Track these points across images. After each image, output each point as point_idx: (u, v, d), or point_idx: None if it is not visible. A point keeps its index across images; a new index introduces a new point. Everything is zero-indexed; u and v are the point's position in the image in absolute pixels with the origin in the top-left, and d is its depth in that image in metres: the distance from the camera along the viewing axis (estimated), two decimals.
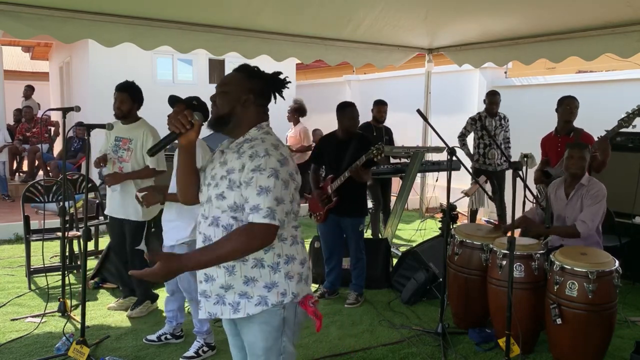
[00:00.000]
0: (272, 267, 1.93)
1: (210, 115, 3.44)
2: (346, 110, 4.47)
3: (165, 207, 3.52)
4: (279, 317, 1.95)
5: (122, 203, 4.07)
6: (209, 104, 3.51)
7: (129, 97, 4.05)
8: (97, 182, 6.50)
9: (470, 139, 6.60)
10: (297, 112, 8.61)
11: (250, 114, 2.02)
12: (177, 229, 3.43)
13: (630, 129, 4.57)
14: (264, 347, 1.97)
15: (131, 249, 4.12)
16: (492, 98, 6.32)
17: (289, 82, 2.10)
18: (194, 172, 2.08)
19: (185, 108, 2.88)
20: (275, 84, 2.07)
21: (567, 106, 4.87)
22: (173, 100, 3.48)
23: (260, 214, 1.83)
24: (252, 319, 1.95)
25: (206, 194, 2.01)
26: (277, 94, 2.09)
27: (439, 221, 5.24)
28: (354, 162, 4.31)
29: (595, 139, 4.84)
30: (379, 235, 6.27)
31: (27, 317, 4.16)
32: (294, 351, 2.04)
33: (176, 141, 2.04)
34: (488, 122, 6.30)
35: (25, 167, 10.16)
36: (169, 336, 3.74)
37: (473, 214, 6.63)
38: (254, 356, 2.00)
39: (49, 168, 8.97)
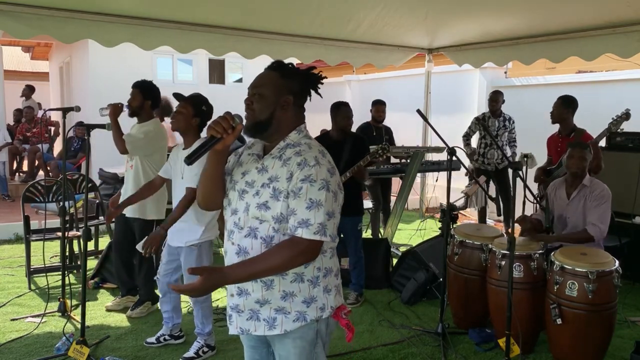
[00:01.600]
0: (311, 281, 1.83)
1: (199, 113, 3.47)
2: (341, 109, 4.45)
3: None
4: (313, 330, 1.87)
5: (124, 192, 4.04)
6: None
7: (139, 92, 4.02)
8: (97, 182, 6.51)
9: (474, 140, 6.59)
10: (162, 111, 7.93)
11: (289, 117, 1.86)
12: (189, 230, 3.41)
13: (630, 129, 4.58)
14: None
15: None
16: (492, 96, 6.31)
17: (325, 77, 1.95)
18: (222, 178, 1.93)
19: (192, 112, 2.85)
20: (311, 80, 1.91)
21: (554, 104, 4.91)
22: (177, 97, 3.49)
23: (311, 230, 1.72)
24: (286, 333, 1.85)
25: (240, 202, 1.86)
26: (313, 91, 1.95)
27: (439, 221, 5.24)
28: (352, 162, 4.31)
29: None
30: (379, 235, 6.27)
31: (27, 317, 4.16)
32: (325, 358, 1.98)
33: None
34: (491, 123, 6.30)
35: (25, 167, 10.16)
36: (167, 337, 3.74)
37: (482, 213, 6.59)
38: None
39: (49, 168, 8.98)
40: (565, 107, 4.83)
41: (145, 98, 4.04)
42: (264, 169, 1.84)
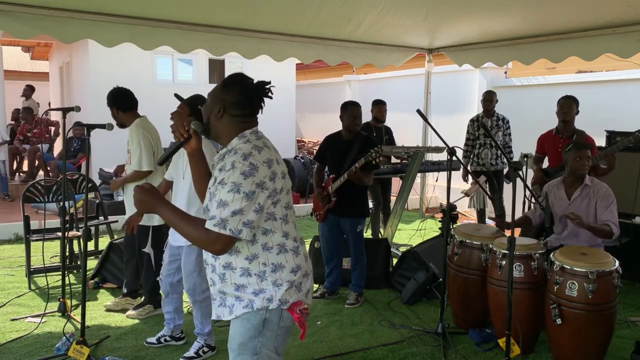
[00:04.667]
0: (258, 275, 1.97)
1: (195, 112, 3.48)
2: (347, 108, 4.46)
3: (184, 206, 3.49)
4: (259, 316, 1.97)
5: (129, 207, 4.12)
6: None
7: (112, 106, 4.07)
8: (97, 182, 6.51)
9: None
10: None
11: (224, 125, 2.03)
12: None
13: (630, 129, 4.58)
14: (239, 343, 2.00)
15: (138, 250, 4.14)
16: (486, 96, 6.26)
17: (269, 92, 2.05)
18: (207, 177, 2.13)
19: (188, 112, 3.01)
20: (254, 93, 2.03)
21: (560, 106, 4.91)
22: (177, 98, 3.49)
23: (212, 222, 1.87)
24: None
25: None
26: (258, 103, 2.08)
27: (439, 221, 5.24)
28: (354, 164, 4.31)
29: (596, 140, 4.85)
30: (379, 235, 6.27)
31: (27, 317, 4.16)
32: (274, 356, 2.01)
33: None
34: (484, 122, 6.28)
35: (25, 167, 10.17)
36: (168, 338, 3.73)
37: (481, 213, 6.58)
38: (230, 350, 2.05)
39: (49, 168, 8.98)
40: (577, 106, 4.86)
41: (115, 108, 4.07)
42: (213, 176, 2.02)
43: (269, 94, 2.06)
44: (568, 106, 4.85)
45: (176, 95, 3.52)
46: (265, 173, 1.92)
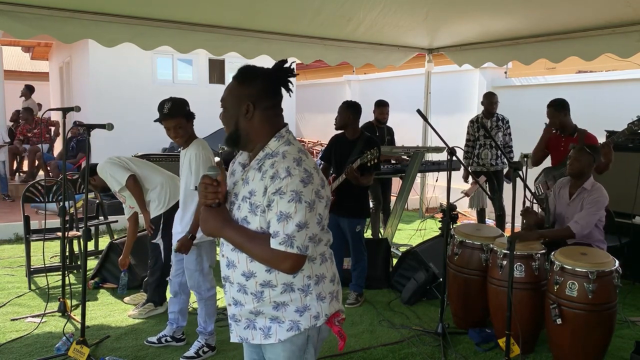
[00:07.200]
0: (302, 290, 1.79)
1: (189, 115, 3.47)
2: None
3: (181, 207, 3.53)
4: (303, 336, 1.83)
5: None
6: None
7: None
8: None
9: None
10: None
11: (257, 124, 1.79)
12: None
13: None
14: None
15: (149, 243, 4.18)
16: (490, 98, 6.26)
17: (293, 69, 1.84)
18: None
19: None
20: (278, 77, 1.82)
21: (547, 114, 4.86)
22: (163, 117, 3.47)
23: (277, 240, 1.68)
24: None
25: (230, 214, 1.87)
26: (284, 89, 1.85)
27: (439, 221, 5.24)
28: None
29: (599, 140, 4.84)
30: (379, 235, 6.27)
31: (27, 317, 4.16)
32: None
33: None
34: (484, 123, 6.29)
35: (25, 167, 10.17)
36: (169, 339, 3.73)
37: (481, 213, 6.58)
38: None
39: (49, 168, 8.98)
40: (558, 110, 4.74)
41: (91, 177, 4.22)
42: (245, 181, 1.81)
43: (291, 73, 1.83)
44: (550, 115, 4.78)
45: (160, 118, 3.46)
46: (318, 180, 1.74)
